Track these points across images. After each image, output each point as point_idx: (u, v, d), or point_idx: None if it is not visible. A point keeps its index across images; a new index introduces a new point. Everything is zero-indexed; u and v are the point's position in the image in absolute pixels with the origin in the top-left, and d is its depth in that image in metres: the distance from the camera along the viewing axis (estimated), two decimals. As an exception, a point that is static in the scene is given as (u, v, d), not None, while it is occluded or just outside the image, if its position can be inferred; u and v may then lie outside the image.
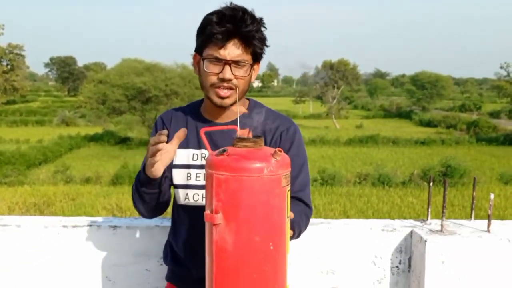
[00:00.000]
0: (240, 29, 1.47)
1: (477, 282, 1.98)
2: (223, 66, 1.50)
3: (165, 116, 1.71)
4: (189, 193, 1.63)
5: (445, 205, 2.09)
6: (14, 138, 32.06)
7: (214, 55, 1.49)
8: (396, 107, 57.36)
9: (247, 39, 1.49)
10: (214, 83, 1.53)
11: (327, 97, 47.61)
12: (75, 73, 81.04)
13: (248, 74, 1.54)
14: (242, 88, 1.55)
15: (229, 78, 1.50)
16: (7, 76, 43.24)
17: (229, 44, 1.48)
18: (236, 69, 1.51)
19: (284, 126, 1.64)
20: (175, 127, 1.65)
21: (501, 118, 46.37)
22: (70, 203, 16.35)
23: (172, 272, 1.75)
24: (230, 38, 1.47)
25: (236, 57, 1.49)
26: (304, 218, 1.60)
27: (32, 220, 2.18)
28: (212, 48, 1.49)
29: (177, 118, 1.69)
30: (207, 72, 1.52)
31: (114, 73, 31.21)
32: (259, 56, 1.57)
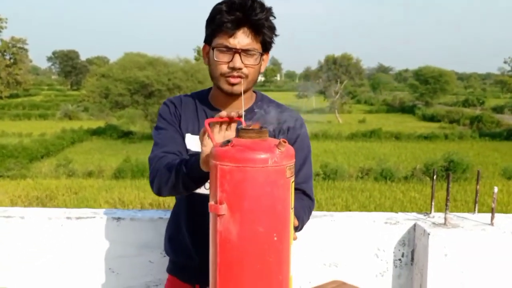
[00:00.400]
0: (249, 17, 1.47)
1: (480, 275, 1.98)
2: (233, 55, 1.49)
3: (175, 100, 1.70)
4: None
5: (449, 198, 2.09)
6: (17, 131, 32.12)
7: (224, 44, 1.49)
8: (399, 102, 57.20)
9: (257, 27, 1.49)
10: (224, 73, 1.52)
11: (330, 92, 47.54)
12: (78, 67, 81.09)
13: (258, 63, 1.54)
14: (252, 77, 1.56)
15: (239, 67, 1.50)
16: (10, 70, 43.34)
17: (238, 33, 1.48)
18: (246, 57, 1.51)
19: (292, 119, 1.65)
20: (186, 112, 1.66)
21: (504, 113, 46.24)
22: (72, 196, 16.40)
23: (174, 263, 1.75)
24: (239, 26, 1.47)
25: (246, 45, 1.49)
26: (307, 212, 1.62)
27: (36, 212, 2.19)
28: (222, 37, 1.49)
29: (187, 103, 1.68)
30: (217, 61, 1.52)
31: (116, 67, 31.21)
32: (269, 46, 1.57)
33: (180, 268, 1.72)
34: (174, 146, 1.59)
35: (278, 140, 1.16)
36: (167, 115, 1.66)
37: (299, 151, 1.55)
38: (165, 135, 1.62)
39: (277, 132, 1.63)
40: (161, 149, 1.58)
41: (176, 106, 1.67)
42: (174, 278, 1.74)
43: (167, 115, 1.66)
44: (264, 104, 1.66)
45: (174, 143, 1.60)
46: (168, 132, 1.63)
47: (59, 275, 2.14)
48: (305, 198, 1.63)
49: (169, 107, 1.67)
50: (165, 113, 1.67)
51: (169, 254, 1.76)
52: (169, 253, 1.75)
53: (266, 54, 1.59)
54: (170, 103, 1.69)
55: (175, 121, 1.65)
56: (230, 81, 1.53)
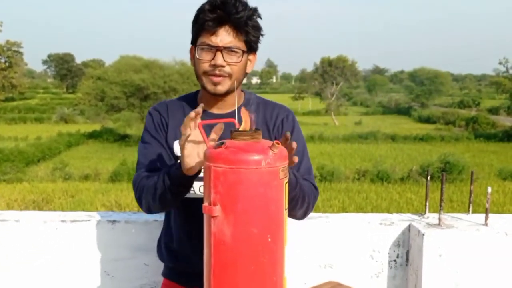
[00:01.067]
0: (231, 15, 1.47)
1: (475, 275, 1.99)
2: (215, 53, 1.49)
3: (161, 108, 1.67)
4: (194, 185, 1.60)
5: (443, 199, 2.10)
6: (13, 135, 32.00)
7: (206, 42, 1.50)
8: (395, 103, 57.37)
9: (239, 25, 1.49)
10: (207, 71, 1.52)
11: (325, 94, 47.59)
12: (73, 70, 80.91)
13: (241, 61, 1.53)
14: (237, 76, 1.55)
15: (221, 64, 1.50)
16: (5, 73, 43.16)
17: (220, 30, 1.48)
18: (228, 55, 1.50)
19: (284, 114, 1.67)
20: (173, 119, 1.64)
21: (500, 114, 46.41)
22: (69, 200, 16.34)
23: (171, 268, 1.74)
24: (221, 24, 1.48)
25: (227, 43, 1.49)
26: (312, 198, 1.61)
27: (31, 215, 2.18)
28: (204, 36, 1.50)
29: (174, 109, 1.66)
30: (200, 59, 1.52)
31: (112, 70, 31.17)
32: (254, 45, 1.56)
33: (178, 273, 1.71)
34: (156, 164, 1.57)
35: (271, 141, 1.17)
36: (150, 126, 1.64)
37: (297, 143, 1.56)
38: (148, 151, 1.61)
39: (272, 127, 1.64)
40: (143, 168, 1.58)
41: (161, 114, 1.65)
42: (170, 282, 1.73)
43: (151, 126, 1.64)
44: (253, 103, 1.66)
45: (157, 160, 1.58)
46: (151, 147, 1.61)
47: (54, 278, 2.14)
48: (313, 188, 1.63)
49: (153, 117, 1.65)
50: (149, 124, 1.64)
51: (165, 260, 1.74)
52: (165, 259, 1.74)
53: (252, 54, 1.59)
54: (154, 112, 1.66)
55: (160, 132, 1.63)
56: (213, 80, 1.52)
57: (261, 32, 1.56)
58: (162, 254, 1.74)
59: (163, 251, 1.74)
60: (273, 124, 1.64)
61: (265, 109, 1.67)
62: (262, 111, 1.66)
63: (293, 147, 1.23)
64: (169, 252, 1.71)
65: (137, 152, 1.64)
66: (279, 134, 1.63)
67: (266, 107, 1.67)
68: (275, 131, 1.64)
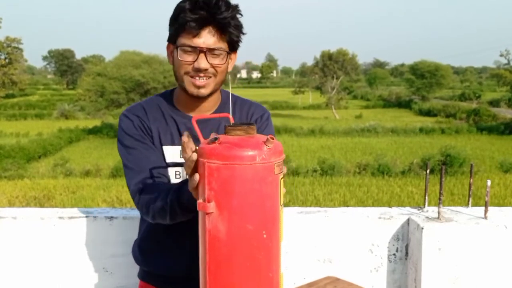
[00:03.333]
0: (214, 16, 1.42)
1: (474, 268, 1.98)
2: (198, 55, 1.44)
3: (138, 111, 1.58)
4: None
5: (442, 192, 2.08)
6: (14, 131, 32.03)
7: (188, 43, 1.44)
8: (396, 96, 57.28)
9: (223, 26, 1.44)
10: (189, 72, 1.47)
11: (326, 88, 47.51)
12: (73, 66, 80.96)
13: (225, 62, 1.49)
14: (219, 78, 1.51)
15: (205, 68, 1.45)
16: (5, 69, 43.12)
17: (203, 32, 1.43)
18: (212, 57, 1.45)
19: (259, 113, 1.67)
20: (154, 123, 1.57)
21: (501, 106, 46.32)
22: (70, 196, 16.37)
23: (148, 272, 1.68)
24: (204, 25, 1.42)
25: (211, 45, 1.44)
26: None
27: (28, 212, 2.17)
28: (186, 37, 1.44)
29: (152, 113, 1.58)
30: (181, 61, 1.46)
31: (112, 65, 31.17)
32: (236, 45, 1.52)
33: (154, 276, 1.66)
34: (149, 168, 1.50)
35: (266, 136, 1.15)
36: (132, 131, 1.54)
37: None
38: (136, 156, 1.52)
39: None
40: (138, 176, 1.49)
41: (141, 118, 1.56)
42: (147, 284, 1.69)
43: (132, 130, 1.54)
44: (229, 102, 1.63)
45: (148, 163, 1.51)
46: (138, 151, 1.53)
47: (52, 275, 2.13)
48: None
49: (133, 121, 1.55)
50: (130, 128, 1.55)
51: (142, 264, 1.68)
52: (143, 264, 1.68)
53: (233, 53, 1.54)
54: (133, 116, 1.56)
55: (144, 135, 1.55)
56: (196, 83, 1.47)
57: (243, 31, 1.51)
58: (137, 256, 1.69)
59: (141, 252, 1.68)
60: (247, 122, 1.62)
61: (241, 108, 1.65)
62: (238, 110, 1.64)
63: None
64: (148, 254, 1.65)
65: (122, 158, 1.55)
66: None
67: (242, 106, 1.66)
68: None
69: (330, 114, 43.06)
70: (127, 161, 1.53)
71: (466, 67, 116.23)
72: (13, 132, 31.77)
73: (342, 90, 50.52)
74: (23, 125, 36.80)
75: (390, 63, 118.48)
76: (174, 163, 1.56)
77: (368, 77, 77.68)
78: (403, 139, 28.61)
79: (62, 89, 77.92)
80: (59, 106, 43.85)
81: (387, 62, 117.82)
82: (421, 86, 52.88)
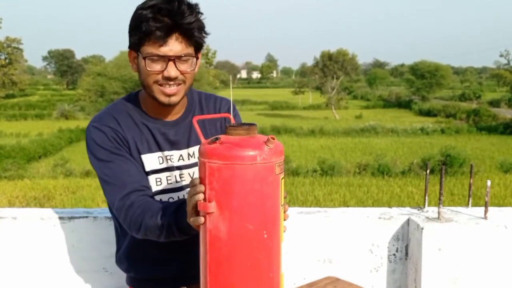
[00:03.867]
0: (179, 22, 1.37)
1: (474, 269, 1.98)
2: (167, 63, 1.40)
3: (109, 121, 1.51)
4: (163, 198, 1.53)
5: (442, 192, 2.08)
6: (14, 132, 32.02)
7: (155, 53, 1.39)
8: (396, 97, 57.26)
9: (188, 31, 1.40)
10: (158, 80, 1.43)
11: (326, 88, 47.50)
12: (73, 66, 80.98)
13: (194, 68, 1.46)
14: (190, 82, 1.49)
15: (175, 76, 1.42)
16: (5, 70, 43.16)
17: (170, 40, 1.38)
18: (181, 64, 1.42)
19: (226, 105, 1.67)
20: (129, 132, 1.51)
21: (501, 106, 46.32)
22: (70, 196, 16.36)
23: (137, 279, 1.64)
24: (170, 33, 1.37)
25: (179, 52, 1.40)
26: None
27: (28, 212, 2.17)
28: (152, 46, 1.39)
29: (124, 121, 1.52)
30: (150, 70, 1.41)
31: (112, 65, 31.18)
32: (201, 46, 1.48)
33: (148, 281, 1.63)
34: (131, 181, 1.44)
35: (266, 136, 1.15)
36: (106, 143, 1.48)
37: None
38: (115, 170, 1.46)
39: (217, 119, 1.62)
40: (121, 191, 1.43)
41: (113, 129, 1.49)
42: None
43: (107, 143, 1.48)
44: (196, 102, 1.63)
45: (129, 177, 1.45)
46: (116, 164, 1.46)
47: (52, 275, 2.13)
48: None
49: (106, 133, 1.48)
50: (103, 141, 1.48)
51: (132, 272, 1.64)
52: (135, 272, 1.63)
53: (199, 53, 1.50)
54: (105, 128, 1.49)
55: (120, 147, 1.49)
56: (166, 91, 1.43)
57: (206, 31, 1.47)
58: (125, 267, 1.65)
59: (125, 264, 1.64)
60: (218, 118, 1.63)
61: (208, 105, 1.64)
62: (205, 108, 1.63)
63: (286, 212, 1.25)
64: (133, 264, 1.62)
65: (99, 173, 1.49)
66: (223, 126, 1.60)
67: (208, 102, 1.65)
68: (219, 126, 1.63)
69: (330, 114, 43.04)
70: (105, 176, 1.47)
71: (466, 67, 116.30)
72: (13, 132, 31.75)
73: (342, 90, 50.49)
74: (23, 125, 36.78)
75: (390, 63, 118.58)
76: (154, 170, 1.53)
77: (368, 77, 77.68)
78: (403, 139, 28.60)
79: (62, 89, 77.93)
80: (59, 106, 43.80)
81: (387, 62, 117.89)
82: (421, 86, 52.86)
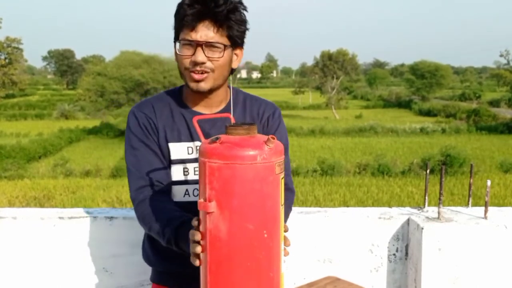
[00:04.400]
0: (210, 10, 1.42)
1: (474, 269, 1.98)
2: (195, 49, 1.45)
3: (145, 108, 1.58)
4: (188, 188, 1.57)
5: (442, 192, 2.08)
6: (14, 132, 32.02)
7: (186, 38, 1.45)
8: (396, 96, 57.25)
9: (219, 19, 1.44)
10: (188, 67, 1.48)
11: (326, 88, 47.48)
12: (73, 66, 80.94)
13: (223, 56, 1.47)
14: (219, 72, 1.50)
15: (202, 61, 1.45)
16: (6, 70, 43.12)
17: (200, 26, 1.43)
18: (209, 51, 1.45)
19: (270, 110, 1.66)
20: (161, 119, 1.57)
21: (501, 106, 46.31)
22: (70, 196, 16.36)
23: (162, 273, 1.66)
24: (200, 19, 1.43)
25: (208, 38, 1.44)
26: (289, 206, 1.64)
27: (28, 212, 2.18)
28: (185, 32, 1.45)
29: (160, 109, 1.58)
30: (181, 55, 1.47)
31: (112, 65, 31.17)
32: (238, 40, 1.50)
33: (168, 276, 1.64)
34: (150, 174, 1.51)
35: (266, 136, 1.15)
36: (136, 129, 1.56)
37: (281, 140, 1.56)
38: (139, 159, 1.54)
39: (258, 123, 1.62)
40: (138, 182, 1.52)
41: (147, 115, 1.56)
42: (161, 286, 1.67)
43: (137, 129, 1.56)
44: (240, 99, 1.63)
45: (150, 168, 1.53)
46: (141, 153, 1.54)
47: (52, 275, 2.13)
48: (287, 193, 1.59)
49: (139, 119, 1.56)
50: (135, 126, 1.56)
51: (153, 263, 1.67)
52: (156, 264, 1.66)
53: (238, 49, 1.54)
54: (139, 113, 1.57)
55: (149, 134, 1.55)
56: (195, 77, 1.47)
57: (246, 26, 1.51)
58: (150, 257, 1.67)
59: (149, 253, 1.67)
60: (259, 121, 1.63)
61: (252, 106, 1.64)
62: (249, 108, 1.64)
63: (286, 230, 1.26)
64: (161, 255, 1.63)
65: (126, 158, 1.56)
66: (264, 131, 1.62)
67: (252, 104, 1.65)
68: (259, 128, 1.61)
69: (330, 114, 43.04)
70: (129, 162, 1.56)
71: (466, 67, 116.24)
72: (13, 132, 31.75)
73: (342, 90, 50.48)
74: (23, 125, 36.78)
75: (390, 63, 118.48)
76: (181, 160, 1.57)
77: (368, 77, 77.62)
78: (403, 139, 28.59)
79: (62, 89, 77.85)
80: (59, 106, 43.81)
81: (387, 62, 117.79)
82: (421, 86, 52.85)
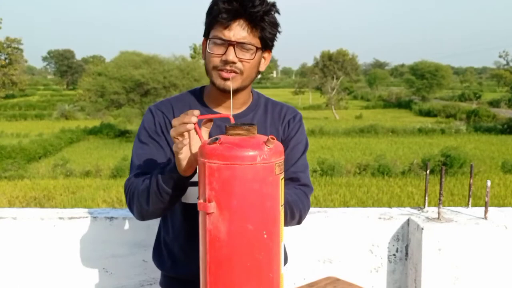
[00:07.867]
0: (247, 9, 1.39)
1: (474, 269, 1.98)
2: (227, 48, 1.41)
3: (164, 107, 1.57)
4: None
5: (442, 192, 2.08)
6: (14, 132, 32.01)
7: (218, 35, 1.42)
8: (396, 97, 57.24)
9: (254, 20, 1.41)
10: (217, 66, 1.44)
11: (326, 88, 47.49)
12: (73, 67, 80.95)
13: (254, 57, 1.45)
14: (248, 74, 1.47)
15: (233, 61, 1.42)
16: (5, 70, 43.13)
17: (234, 24, 1.40)
18: (241, 51, 1.43)
19: (291, 114, 1.65)
20: None
21: (500, 107, 46.32)
22: (70, 196, 16.35)
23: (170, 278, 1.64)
24: (235, 18, 1.40)
25: (241, 38, 1.41)
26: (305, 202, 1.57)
27: (28, 212, 2.18)
28: (217, 29, 1.42)
29: (180, 110, 1.54)
30: (211, 53, 1.44)
31: (112, 65, 31.15)
32: (269, 42, 1.49)
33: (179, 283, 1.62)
34: (152, 167, 1.47)
35: (266, 137, 1.15)
36: (150, 125, 1.55)
37: (300, 143, 1.58)
38: (144, 152, 1.52)
39: (280, 127, 1.61)
40: (137, 171, 1.49)
41: (164, 115, 1.55)
42: None
43: (151, 125, 1.55)
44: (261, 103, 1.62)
45: (152, 164, 1.49)
46: (148, 148, 1.53)
47: (52, 275, 2.13)
48: (302, 188, 1.58)
49: (154, 116, 1.55)
50: (149, 122, 1.55)
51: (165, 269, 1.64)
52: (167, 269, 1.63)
53: (267, 52, 1.52)
54: (157, 111, 1.56)
55: (161, 132, 1.54)
56: (223, 75, 1.44)
57: (278, 29, 1.49)
58: (163, 262, 1.64)
59: (161, 257, 1.64)
60: (280, 124, 1.62)
61: (273, 110, 1.63)
62: (270, 112, 1.62)
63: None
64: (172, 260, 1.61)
65: (132, 150, 1.56)
66: (285, 134, 1.61)
67: (274, 108, 1.63)
68: (281, 131, 1.61)
69: (330, 115, 43.02)
70: (136, 154, 1.53)
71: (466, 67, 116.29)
72: (14, 133, 31.74)
73: (342, 90, 50.45)
74: (23, 126, 36.77)
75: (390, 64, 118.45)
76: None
77: (368, 78, 77.62)
78: (403, 139, 28.57)
79: (62, 90, 77.84)
80: (59, 106, 43.80)
81: (387, 63, 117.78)
82: (421, 87, 52.86)
